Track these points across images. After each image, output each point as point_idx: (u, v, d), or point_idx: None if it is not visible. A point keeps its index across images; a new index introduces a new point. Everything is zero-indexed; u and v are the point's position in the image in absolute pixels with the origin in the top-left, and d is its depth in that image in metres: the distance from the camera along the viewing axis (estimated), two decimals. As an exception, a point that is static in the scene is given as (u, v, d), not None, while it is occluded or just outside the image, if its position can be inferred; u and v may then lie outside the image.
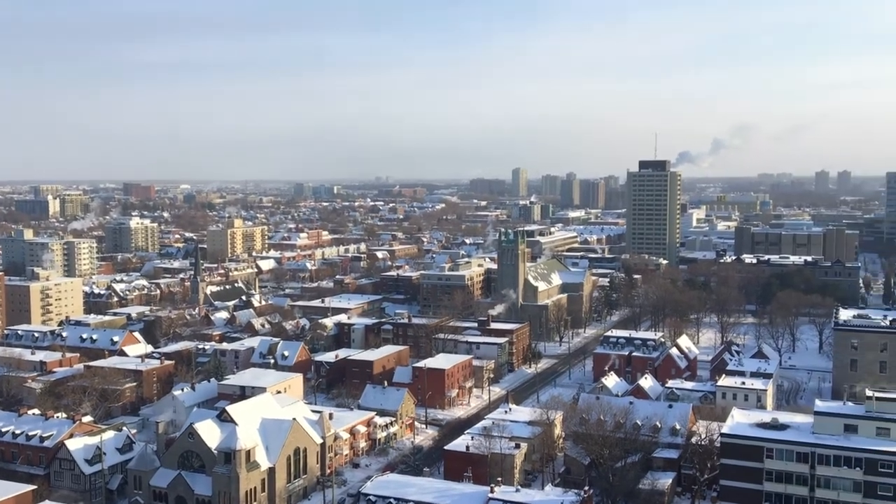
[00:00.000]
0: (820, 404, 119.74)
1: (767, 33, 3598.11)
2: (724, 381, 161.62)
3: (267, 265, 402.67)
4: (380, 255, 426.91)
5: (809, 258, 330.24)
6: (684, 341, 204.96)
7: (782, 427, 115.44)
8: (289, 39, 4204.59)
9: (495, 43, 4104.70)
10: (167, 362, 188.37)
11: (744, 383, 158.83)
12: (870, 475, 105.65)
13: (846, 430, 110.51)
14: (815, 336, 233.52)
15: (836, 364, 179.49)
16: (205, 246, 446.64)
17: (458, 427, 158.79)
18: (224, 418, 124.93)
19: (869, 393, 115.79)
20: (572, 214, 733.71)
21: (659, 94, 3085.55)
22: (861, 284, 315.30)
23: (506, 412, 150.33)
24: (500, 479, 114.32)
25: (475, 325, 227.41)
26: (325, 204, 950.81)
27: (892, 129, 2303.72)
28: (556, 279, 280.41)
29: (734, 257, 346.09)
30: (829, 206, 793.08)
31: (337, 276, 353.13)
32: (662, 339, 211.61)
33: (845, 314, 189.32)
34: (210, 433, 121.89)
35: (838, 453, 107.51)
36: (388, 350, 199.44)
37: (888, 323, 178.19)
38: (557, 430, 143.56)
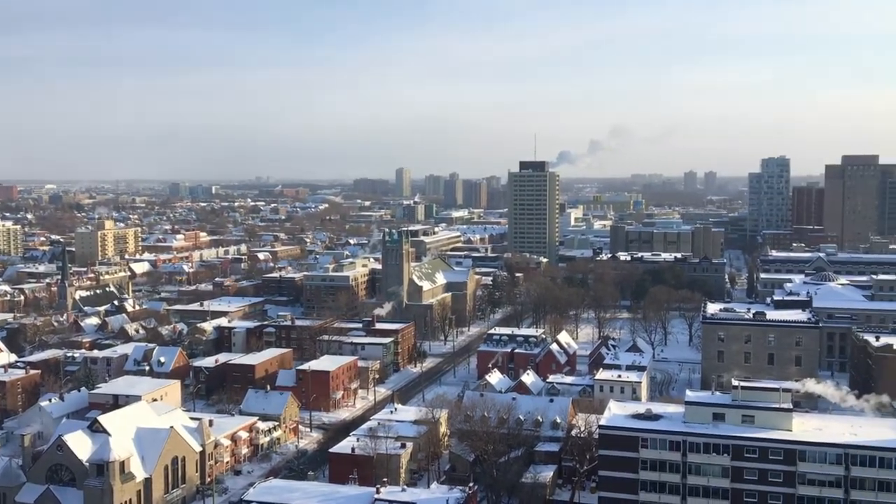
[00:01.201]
0: (690, 394, 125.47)
1: (643, 37, 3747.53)
2: (602, 374, 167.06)
3: (141, 268, 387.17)
4: (261, 256, 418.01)
5: (679, 255, 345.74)
6: (564, 337, 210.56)
7: (656, 417, 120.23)
8: (163, 35, 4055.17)
9: (376, 43, 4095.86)
10: (33, 372, 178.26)
11: (620, 376, 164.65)
12: (736, 461, 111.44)
13: (714, 418, 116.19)
14: (685, 329, 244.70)
15: (705, 356, 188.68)
16: (73, 249, 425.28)
17: (344, 429, 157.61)
18: (96, 429, 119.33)
19: (735, 382, 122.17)
20: (456, 214, 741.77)
21: (540, 96, 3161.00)
22: (726, 279, 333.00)
23: (391, 412, 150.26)
24: (385, 479, 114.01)
25: (360, 325, 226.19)
26: (202, 204, 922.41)
27: (753, 132, 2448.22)
28: (441, 279, 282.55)
29: (610, 255, 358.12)
30: (696, 205, 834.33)
31: (216, 279, 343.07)
32: (543, 336, 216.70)
33: (712, 308, 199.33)
34: (80, 445, 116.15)
35: (707, 441, 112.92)
36: (270, 353, 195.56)
37: (751, 316, 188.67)
38: (443, 429, 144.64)
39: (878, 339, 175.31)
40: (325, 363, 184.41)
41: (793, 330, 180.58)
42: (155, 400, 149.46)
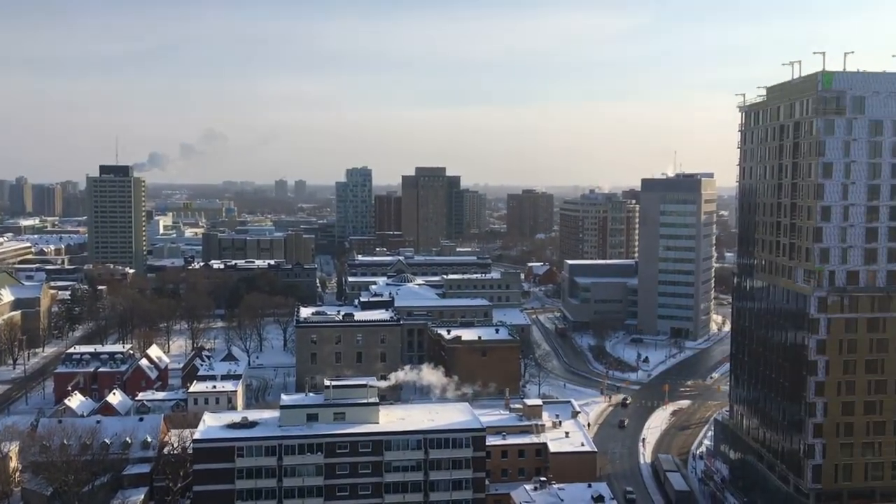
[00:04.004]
0: (285, 398, 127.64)
1: (238, 43, 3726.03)
2: (196, 386, 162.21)
3: None
4: None
5: (273, 262, 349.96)
6: (154, 351, 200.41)
7: (252, 425, 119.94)
8: None
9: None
10: None
11: (215, 387, 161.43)
12: (330, 458, 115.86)
13: (309, 419, 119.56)
14: (280, 335, 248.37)
15: (299, 359, 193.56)
16: None
17: None
18: None
19: (327, 382, 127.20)
20: (25, 223, 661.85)
21: (126, 94, 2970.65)
22: (318, 284, 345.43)
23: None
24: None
25: None
26: None
27: (339, 142, 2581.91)
28: (7, 295, 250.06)
29: (202, 263, 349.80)
30: (288, 212, 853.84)
31: None
32: (131, 352, 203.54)
33: (305, 312, 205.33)
34: None
35: (302, 442, 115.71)
36: None
37: (341, 317, 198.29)
38: (13, 464, 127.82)
39: (449, 332, 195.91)
40: None
41: (378, 328, 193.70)
42: None
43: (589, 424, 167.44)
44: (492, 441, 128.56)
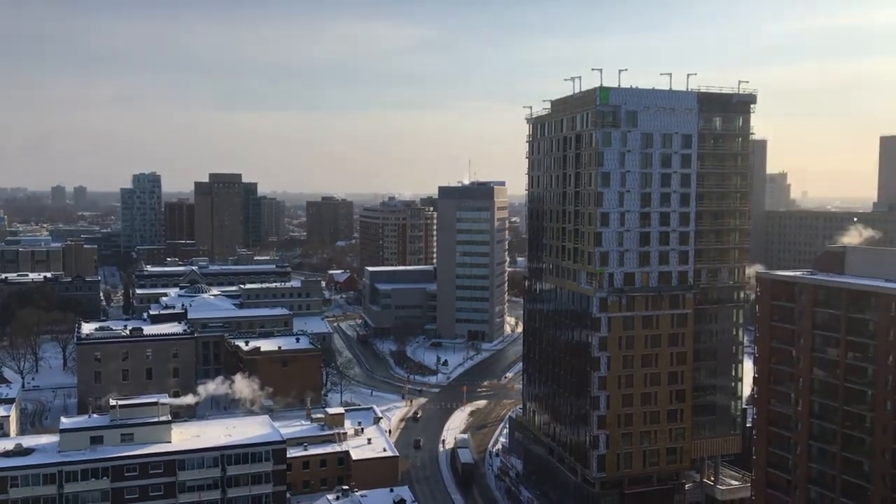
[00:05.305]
0: (66, 421, 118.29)
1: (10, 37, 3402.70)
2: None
3: None
4: None
5: (50, 274, 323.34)
6: None
7: (27, 452, 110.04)
8: None
9: None
10: None
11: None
12: (117, 482, 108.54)
13: (93, 442, 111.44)
14: (59, 353, 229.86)
15: (81, 378, 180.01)
16: None
17: None
18: None
19: (112, 402, 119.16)
20: None
21: None
22: (102, 297, 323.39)
23: None
24: None
25: None
26: None
27: (125, 147, 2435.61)
28: None
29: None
30: (67, 220, 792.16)
31: None
32: None
33: (87, 328, 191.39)
34: None
35: (85, 467, 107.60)
36: None
37: (129, 332, 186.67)
38: None
39: (247, 343, 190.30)
40: None
41: (169, 343, 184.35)
42: None
43: (390, 431, 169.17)
44: (293, 453, 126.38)
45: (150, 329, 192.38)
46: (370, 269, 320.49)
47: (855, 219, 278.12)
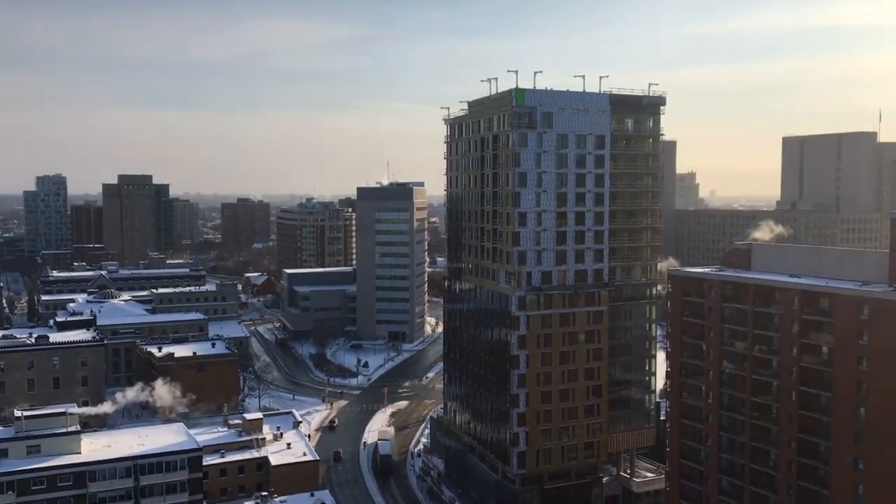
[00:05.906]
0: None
1: None
2: None
3: None
4: None
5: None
6: None
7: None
8: None
9: None
10: None
11: None
12: (23, 496, 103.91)
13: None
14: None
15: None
16: None
17: None
18: None
19: (17, 413, 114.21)
20: None
21: None
22: (5, 304, 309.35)
23: None
24: None
25: None
26: None
27: (27, 147, 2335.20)
28: None
29: None
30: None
31: None
32: None
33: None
34: None
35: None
36: None
37: (34, 340, 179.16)
38: None
39: (160, 349, 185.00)
40: None
41: (77, 351, 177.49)
42: None
43: (309, 436, 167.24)
44: (210, 460, 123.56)
45: (56, 336, 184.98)
46: (288, 271, 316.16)
47: (766, 220, 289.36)
